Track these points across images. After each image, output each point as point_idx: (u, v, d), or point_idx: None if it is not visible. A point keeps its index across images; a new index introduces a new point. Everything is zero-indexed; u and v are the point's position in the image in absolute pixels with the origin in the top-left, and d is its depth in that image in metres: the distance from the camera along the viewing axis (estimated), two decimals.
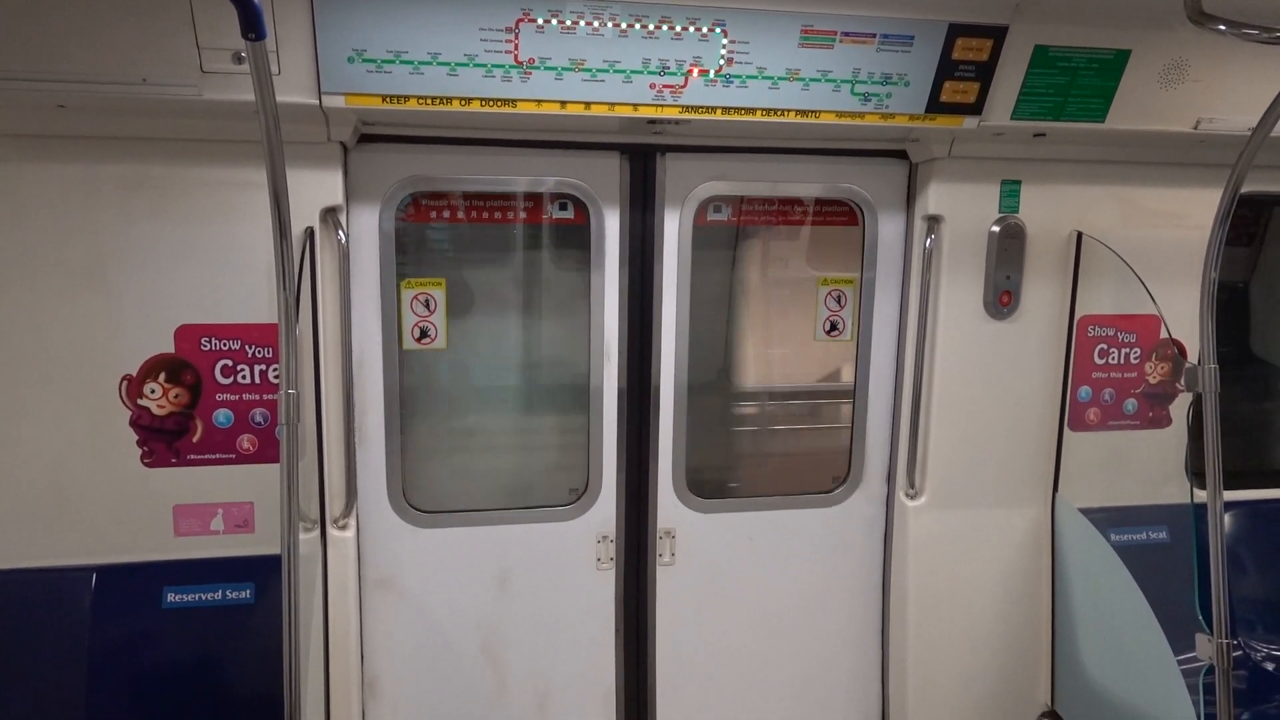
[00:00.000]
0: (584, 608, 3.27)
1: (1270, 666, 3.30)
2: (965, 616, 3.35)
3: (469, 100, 2.52)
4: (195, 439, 2.77)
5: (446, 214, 3.06)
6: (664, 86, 2.58)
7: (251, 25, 1.67)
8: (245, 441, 2.80)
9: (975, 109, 2.76)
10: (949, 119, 2.78)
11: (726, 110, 2.66)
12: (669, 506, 3.27)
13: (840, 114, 2.71)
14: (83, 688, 2.70)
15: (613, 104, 2.59)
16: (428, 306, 3.02)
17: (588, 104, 2.58)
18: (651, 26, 2.47)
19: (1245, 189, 2.45)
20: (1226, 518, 2.98)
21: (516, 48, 2.45)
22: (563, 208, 3.10)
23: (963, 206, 3.09)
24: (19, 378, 2.64)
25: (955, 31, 2.59)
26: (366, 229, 2.88)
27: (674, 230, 3.09)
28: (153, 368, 2.71)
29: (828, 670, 3.49)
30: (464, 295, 3.22)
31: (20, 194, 2.55)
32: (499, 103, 2.53)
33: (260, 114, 1.85)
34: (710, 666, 3.40)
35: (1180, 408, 3.35)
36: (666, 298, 3.13)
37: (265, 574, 2.82)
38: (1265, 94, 2.32)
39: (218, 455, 2.79)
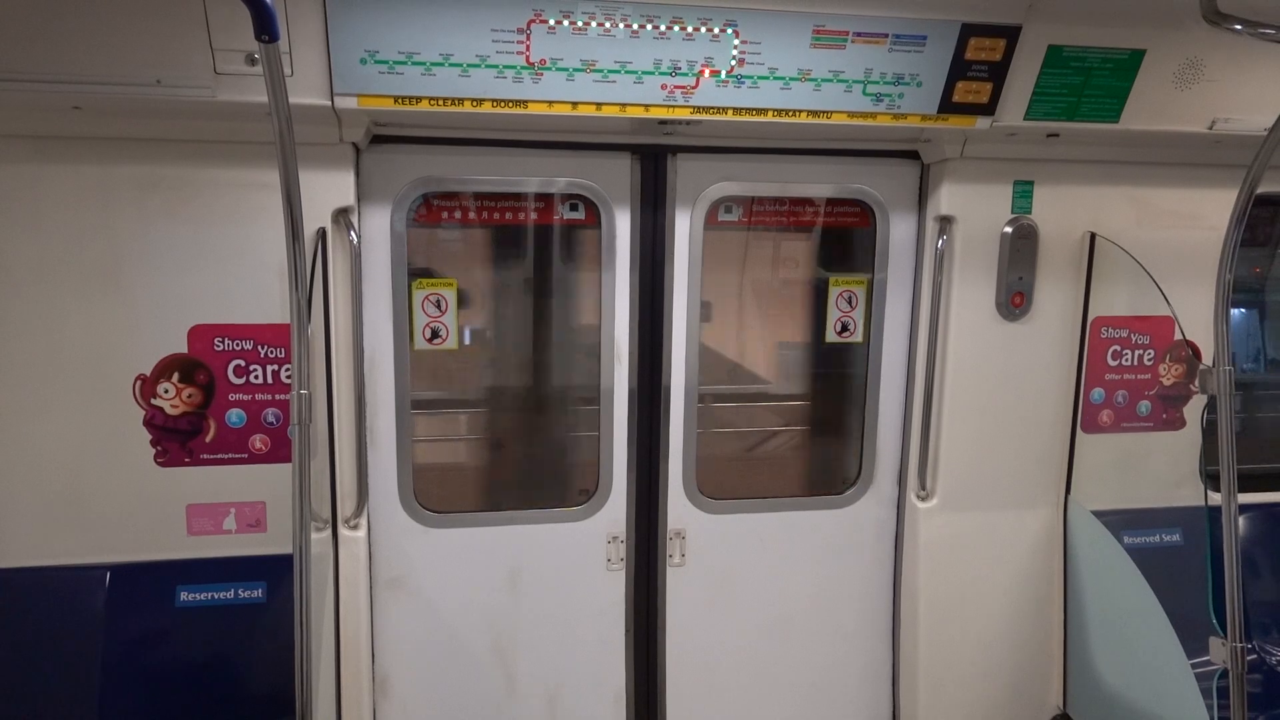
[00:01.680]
0: (594, 608, 3.27)
1: None
2: (977, 619, 3.34)
3: (480, 101, 2.52)
4: (208, 439, 2.78)
5: (458, 215, 3.06)
6: (675, 87, 2.58)
7: (265, 27, 1.68)
8: (258, 441, 2.81)
9: (988, 109, 2.75)
10: (961, 119, 2.77)
11: (738, 111, 2.65)
12: (679, 507, 3.27)
13: (852, 114, 2.70)
14: (96, 686, 2.72)
15: (624, 105, 2.59)
16: (439, 307, 3.03)
17: (599, 105, 2.58)
18: (663, 27, 2.47)
19: (1261, 189, 2.43)
20: (1241, 520, 2.95)
21: (528, 49, 2.45)
22: (574, 208, 3.10)
23: (975, 207, 3.07)
24: (34, 377, 2.66)
25: (968, 31, 2.58)
26: (378, 229, 2.89)
27: (685, 231, 3.09)
28: (166, 368, 2.73)
29: (838, 672, 3.48)
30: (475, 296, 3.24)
31: (36, 195, 2.57)
32: (510, 104, 2.53)
33: (273, 115, 1.85)
34: (720, 667, 3.40)
35: (1194, 410, 3.32)
36: (677, 299, 3.12)
37: (277, 573, 2.83)
38: None
39: (230, 455, 2.80)
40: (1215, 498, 2.52)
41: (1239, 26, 2.14)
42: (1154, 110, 2.81)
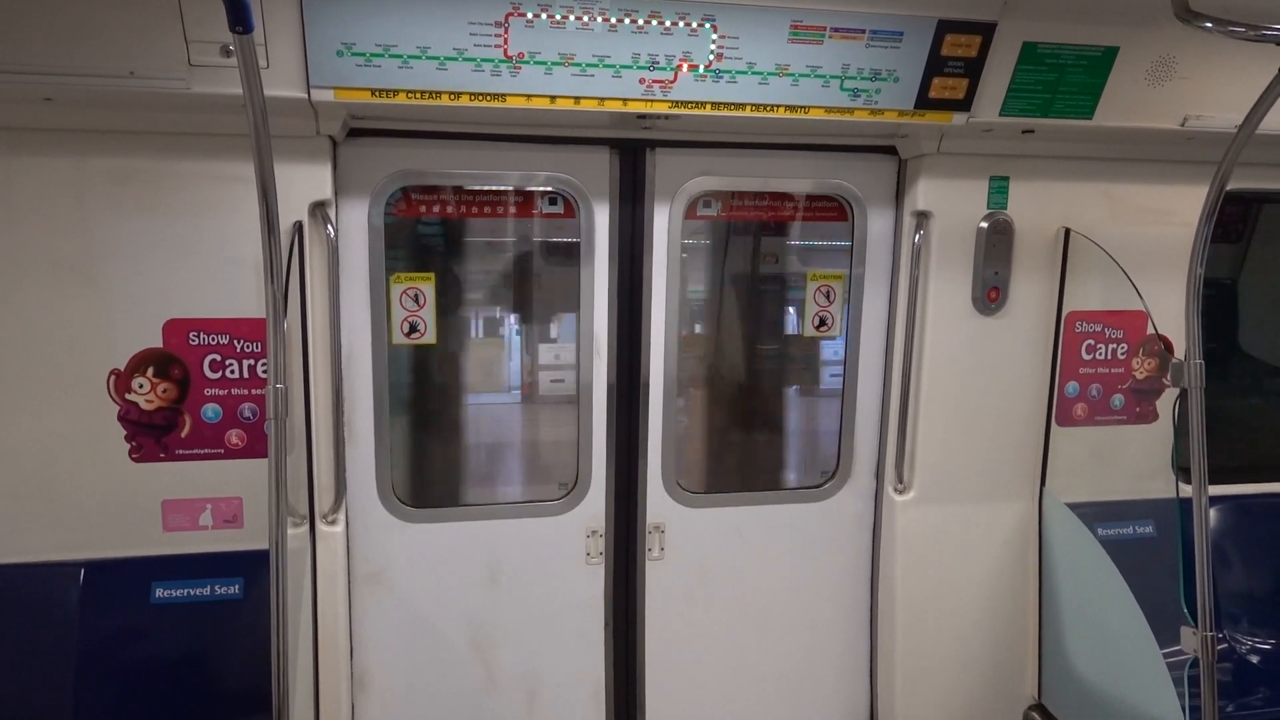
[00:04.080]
0: (573, 602, 3.28)
1: (1254, 659, 3.33)
2: (953, 610, 3.37)
3: (458, 94, 2.51)
4: (184, 434, 2.76)
5: (436, 209, 3.05)
6: (653, 81, 2.58)
7: (239, 18, 1.67)
8: (234, 436, 2.80)
9: (964, 105, 2.77)
10: (938, 115, 2.78)
11: (716, 105, 2.66)
12: (658, 501, 3.28)
13: (829, 110, 2.71)
14: (71, 683, 2.70)
15: (602, 99, 2.58)
16: (417, 301, 3.02)
17: (577, 99, 2.57)
18: (641, 21, 2.47)
19: (1231, 186, 2.47)
20: (1212, 512, 3.00)
21: (506, 42, 2.44)
22: (552, 202, 3.10)
23: (951, 202, 3.10)
24: (6, 372, 2.63)
25: (944, 28, 2.60)
26: (355, 223, 2.88)
27: (664, 225, 3.09)
28: (141, 362, 2.70)
29: (816, 664, 3.51)
30: (454, 290, 3.23)
31: (7, 188, 2.54)
32: (488, 97, 2.53)
33: (248, 108, 1.84)
34: (699, 661, 3.41)
35: (1167, 403, 3.37)
36: (656, 293, 3.13)
37: (254, 569, 2.82)
38: (1251, 91, 2.33)
39: (206, 450, 2.78)
40: (1186, 490, 2.56)
41: (1210, 24, 2.17)
42: (1127, 107, 2.84)
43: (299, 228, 2.68)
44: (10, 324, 2.61)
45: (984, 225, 3.12)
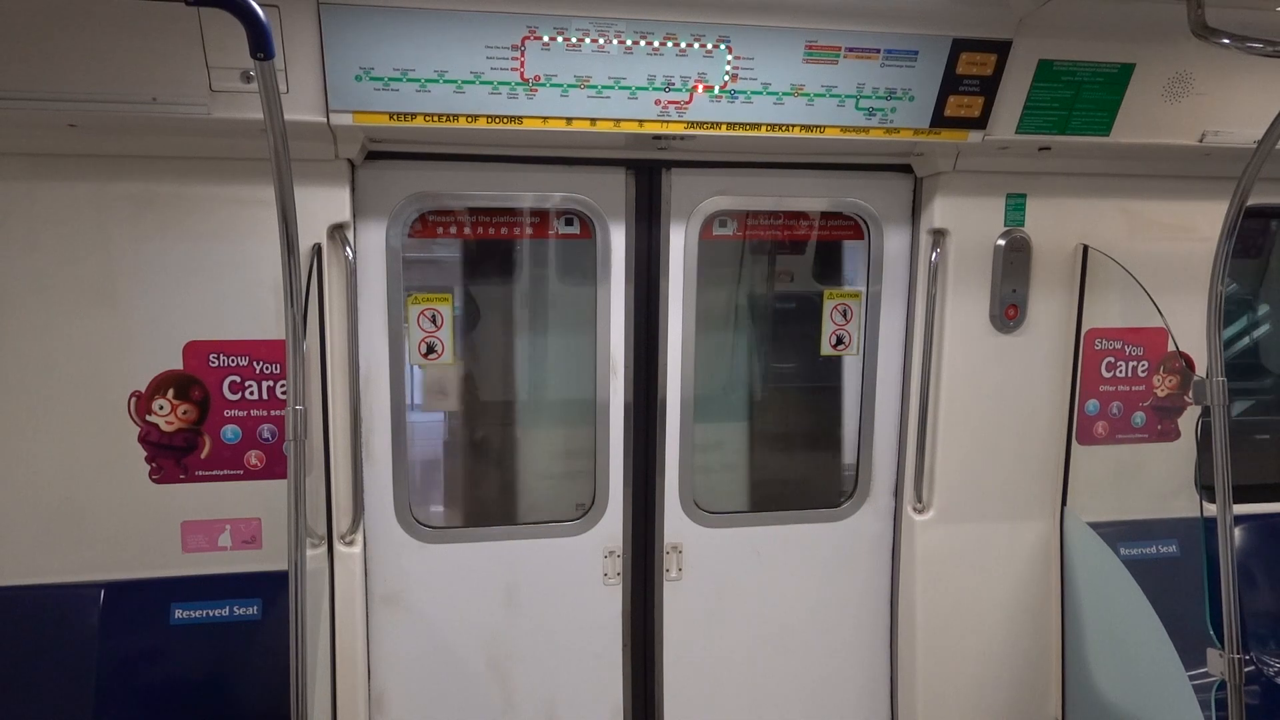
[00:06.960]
0: (591, 623, 3.26)
1: None
2: (974, 631, 3.33)
3: (475, 117, 2.53)
4: (203, 455, 2.78)
5: (453, 230, 3.07)
6: (669, 102, 2.59)
7: (260, 44, 1.69)
8: (253, 457, 2.81)
9: (980, 123, 2.77)
10: (953, 133, 2.78)
11: (731, 126, 2.67)
12: (676, 521, 3.26)
13: (845, 129, 2.72)
14: (91, 704, 2.70)
15: (618, 120, 2.60)
16: (434, 322, 3.03)
17: (593, 120, 2.59)
18: (656, 43, 2.49)
19: (1251, 201, 2.45)
20: (1237, 531, 2.96)
21: (522, 65, 2.46)
22: (569, 223, 3.11)
23: (968, 220, 3.09)
24: (29, 393, 2.65)
25: (959, 46, 2.60)
26: (374, 245, 2.90)
27: (680, 245, 3.10)
28: (161, 384, 2.72)
29: (836, 685, 3.47)
30: (470, 311, 3.24)
31: (31, 212, 2.58)
32: (505, 119, 2.55)
33: (268, 132, 1.86)
34: (718, 682, 3.38)
35: (1189, 421, 3.33)
36: (673, 313, 3.13)
37: (272, 590, 2.82)
38: (1270, 106, 2.32)
39: (225, 471, 2.80)
40: (1211, 508, 2.53)
41: (1227, 40, 2.16)
42: (1144, 123, 2.83)
43: (318, 250, 2.70)
44: (32, 346, 2.64)
45: (1001, 243, 3.11)
